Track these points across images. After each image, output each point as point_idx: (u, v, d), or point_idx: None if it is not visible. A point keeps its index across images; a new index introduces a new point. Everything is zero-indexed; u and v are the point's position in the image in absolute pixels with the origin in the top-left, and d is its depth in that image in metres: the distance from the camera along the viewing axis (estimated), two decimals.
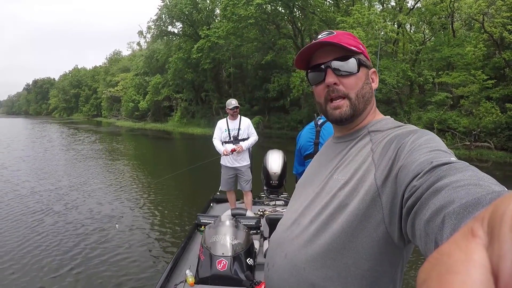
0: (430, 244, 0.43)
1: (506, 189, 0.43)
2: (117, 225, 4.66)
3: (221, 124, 4.52)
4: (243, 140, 4.42)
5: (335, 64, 0.82)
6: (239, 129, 4.43)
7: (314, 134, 2.65)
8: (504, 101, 16.12)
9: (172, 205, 6.99)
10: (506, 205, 0.17)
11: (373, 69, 0.88)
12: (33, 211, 6.30)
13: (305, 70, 0.91)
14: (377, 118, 0.87)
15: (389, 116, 0.89)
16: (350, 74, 0.82)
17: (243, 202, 4.62)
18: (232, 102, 4.41)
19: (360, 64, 0.82)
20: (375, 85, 0.88)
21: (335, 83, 0.82)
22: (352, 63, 0.82)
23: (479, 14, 15.62)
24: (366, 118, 0.87)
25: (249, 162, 4.54)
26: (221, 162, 4.53)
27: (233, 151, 4.29)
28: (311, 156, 2.68)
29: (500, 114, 15.72)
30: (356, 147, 0.81)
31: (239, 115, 4.49)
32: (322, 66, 0.83)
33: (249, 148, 4.52)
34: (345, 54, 0.82)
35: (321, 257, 0.75)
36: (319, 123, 2.64)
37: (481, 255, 0.17)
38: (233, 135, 4.41)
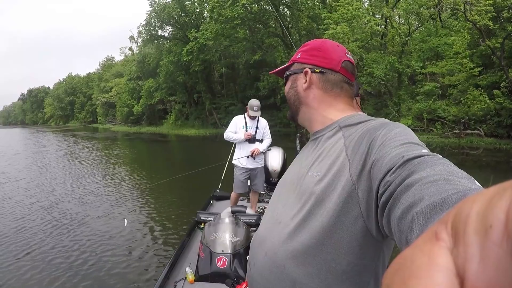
0: (403, 241, 0.45)
1: (476, 182, 0.45)
2: (125, 221, 4.64)
3: (238, 120, 4.29)
4: (259, 140, 4.27)
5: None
6: (257, 128, 4.26)
7: None
8: (492, 88, 16.18)
9: (172, 203, 7.02)
10: (469, 207, 0.17)
11: (305, 70, 0.91)
12: (32, 216, 6.29)
13: None
14: (349, 114, 0.87)
15: (361, 112, 0.90)
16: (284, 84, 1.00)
17: (243, 200, 4.60)
18: (255, 109, 4.14)
19: (286, 76, 0.97)
20: (304, 84, 0.92)
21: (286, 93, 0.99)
22: (284, 77, 0.99)
23: (460, 3, 15.70)
24: (327, 113, 0.89)
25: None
26: (235, 163, 4.32)
27: (253, 153, 4.12)
28: None
29: (488, 101, 15.78)
30: (329, 143, 0.82)
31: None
32: None
33: None
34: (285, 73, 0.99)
35: (301, 254, 0.75)
36: None
37: (445, 258, 0.17)
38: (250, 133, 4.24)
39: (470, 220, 0.16)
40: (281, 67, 0.99)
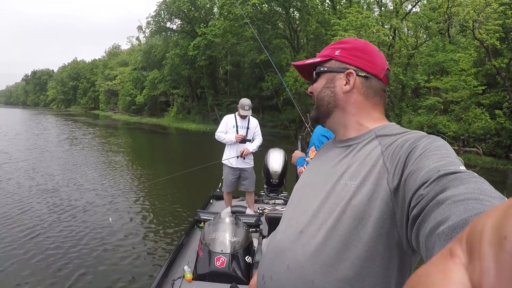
0: (431, 256, 0.44)
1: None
2: (110, 219, 4.62)
3: (229, 119, 4.28)
4: (249, 140, 4.27)
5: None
6: (247, 128, 4.25)
7: None
8: (494, 108, 16.24)
9: (171, 201, 6.99)
10: (484, 222, 0.17)
11: (348, 71, 0.85)
12: (24, 210, 6.06)
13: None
14: (384, 124, 0.84)
15: (393, 123, 0.86)
16: (313, 81, 0.92)
17: (243, 200, 4.58)
18: (246, 108, 4.13)
19: (319, 72, 0.89)
20: (347, 86, 0.85)
21: (311, 92, 0.93)
22: (314, 72, 0.91)
23: (470, 21, 15.74)
24: (364, 121, 0.85)
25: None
26: (224, 163, 4.32)
27: (242, 153, 4.12)
28: None
29: (489, 120, 15.84)
30: (364, 151, 0.78)
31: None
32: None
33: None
34: (315, 66, 0.91)
35: (332, 268, 0.71)
36: None
37: (460, 273, 0.17)
38: (241, 133, 4.22)
39: (485, 233, 0.16)
40: (310, 60, 0.92)
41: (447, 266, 0.17)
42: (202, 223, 3.22)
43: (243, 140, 4.20)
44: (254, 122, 4.34)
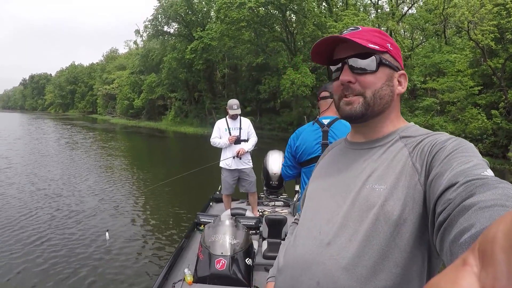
0: None
1: None
2: (107, 234, 4.55)
3: (220, 124, 4.30)
4: (244, 140, 4.25)
5: (352, 61, 0.77)
6: (240, 128, 4.24)
7: (320, 135, 2.26)
8: (491, 108, 16.32)
9: (171, 204, 7.03)
10: (495, 229, 0.17)
11: (401, 72, 0.81)
12: (28, 215, 6.00)
13: (325, 65, 0.87)
14: (405, 124, 0.82)
15: (412, 123, 0.84)
16: (367, 72, 0.76)
17: (242, 203, 4.58)
18: (234, 107, 4.15)
19: (381, 64, 0.77)
20: (402, 88, 0.81)
21: (349, 81, 0.77)
22: (371, 60, 0.76)
23: (465, 22, 15.84)
24: (391, 123, 0.81)
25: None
26: (222, 166, 4.28)
27: (238, 153, 4.10)
28: (316, 159, 2.25)
29: (486, 120, 15.92)
30: (389, 152, 0.75)
31: (238, 116, 4.32)
32: (340, 63, 0.80)
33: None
34: (365, 51, 0.76)
35: (370, 281, 0.67)
36: (326, 123, 2.28)
37: (469, 281, 0.17)
38: (234, 134, 4.21)
39: (497, 239, 0.16)
40: (365, 42, 0.76)
41: (458, 275, 0.17)
42: (202, 226, 3.22)
43: (238, 140, 4.19)
44: (246, 122, 4.34)
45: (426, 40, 20.95)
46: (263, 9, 22.28)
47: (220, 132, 4.25)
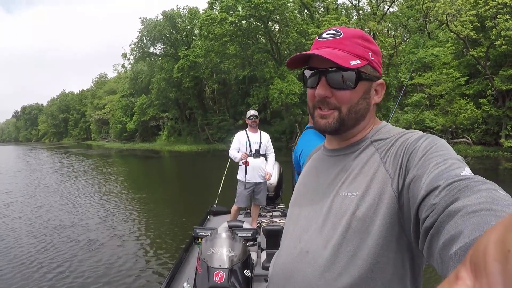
0: (446, 272, 0.44)
1: None
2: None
3: (240, 136, 4.25)
4: (263, 155, 4.24)
5: (330, 75, 0.73)
6: (260, 142, 4.22)
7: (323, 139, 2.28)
8: (479, 97, 16.47)
9: (169, 218, 7.08)
10: (487, 239, 0.17)
11: (379, 81, 0.78)
12: (38, 248, 5.90)
13: (300, 68, 0.83)
14: (376, 126, 0.79)
15: (385, 122, 0.82)
16: (345, 88, 0.73)
17: (240, 215, 4.58)
18: (251, 112, 4.23)
19: (360, 79, 0.73)
20: (378, 98, 0.79)
21: (326, 96, 0.74)
22: (350, 76, 0.72)
23: (443, 15, 16.06)
24: (364, 129, 0.79)
25: None
26: (239, 178, 4.24)
27: (245, 163, 4.10)
28: None
29: (475, 109, 16.06)
30: (361, 158, 0.74)
31: (258, 129, 4.30)
32: (316, 70, 0.76)
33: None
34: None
35: (348, 285, 0.68)
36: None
37: None
38: (255, 148, 4.18)
39: (489, 250, 0.17)
40: (350, 58, 0.72)
41: None
42: (199, 240, 3.27)
43: (257, 155, 4.20)
44: (266, 137, 4.33)
45: (410, 37, 21.21)
46: (245, 22, 22.52)
47: (240, 144, 4.23)
